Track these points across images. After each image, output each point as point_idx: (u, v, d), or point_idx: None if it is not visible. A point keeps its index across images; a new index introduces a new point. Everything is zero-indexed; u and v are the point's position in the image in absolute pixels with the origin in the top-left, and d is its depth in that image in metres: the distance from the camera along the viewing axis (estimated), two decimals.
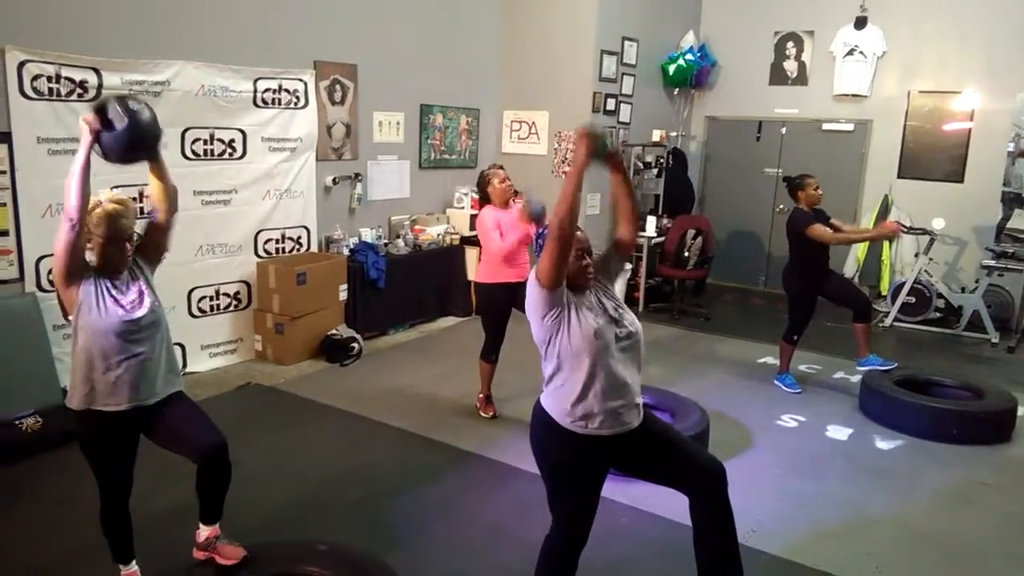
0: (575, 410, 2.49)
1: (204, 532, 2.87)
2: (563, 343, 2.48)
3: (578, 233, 2.55)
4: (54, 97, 4.53)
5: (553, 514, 2.61)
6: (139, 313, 2.66)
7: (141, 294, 2.72)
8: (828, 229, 5.18)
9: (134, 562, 2.90)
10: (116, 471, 2.77)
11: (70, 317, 2.67)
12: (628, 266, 7.50)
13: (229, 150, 5.52)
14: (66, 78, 4.56)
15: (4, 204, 4.44)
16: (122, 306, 2.63)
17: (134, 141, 2.66)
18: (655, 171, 8.27)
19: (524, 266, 4.68)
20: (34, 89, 4.43)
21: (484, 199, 4.74)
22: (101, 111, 2.60)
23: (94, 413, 2.66)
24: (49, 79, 4.49)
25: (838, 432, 4.84)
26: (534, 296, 2.50)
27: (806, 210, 5.24)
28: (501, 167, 4.80)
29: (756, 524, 3.61)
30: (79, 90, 4.63)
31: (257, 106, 5.62)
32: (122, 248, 2.66)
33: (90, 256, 2.67)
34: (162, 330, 2.78)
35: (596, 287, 2.65)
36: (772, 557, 3.37)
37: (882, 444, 4.67)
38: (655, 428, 2.69)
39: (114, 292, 2.66)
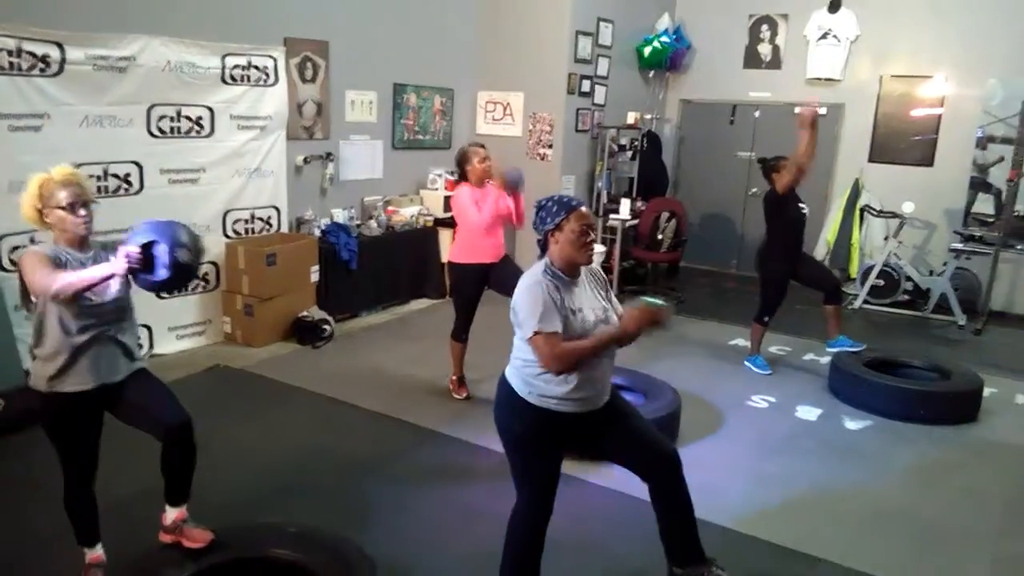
0: (551, 390, 2.49)
1: (171, 515, 2.82)
2: None
3: (582, 208, 2.54)
4: (15, 72, 4.40)
5: (518, 488, 2.64)
6: (106, 297, 2.61)
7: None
8: (786, 172, 5.12)
9: (99, 545, 2.85)
10: (81, 452, 2.72)
11: (34, 299, 2.60)
12: (603, 248, 7.51)
13: (197, 128, 5.40)
14: (28, 52, 4.42)
15: None
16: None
17: (163, 288, 2.57)
18: (629, 154, 8.25)
19: (499, 247, 4.65)
20: None
21: (461, 176, 4.68)
22: (147, 249, 2.43)
23: (59, 394, 2.61)
24: (10, 53, 4.36)
25: (808, 412, 4.89)
26: (521, 319, 2.48)
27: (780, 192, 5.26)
28: (482, 146, 4.71)
29: (726, 502, 3.64)
30: (41, 64, 4.50)
31: (225, 83, 5.49)
32: (80, 214, 2.58)
33: (53, 231, 2.61)
34: (128, 312, 2.74)
35: (593, 280, 2.65)
36: (742, 535, 3.40)
37: (851, 424, 4.73)
38: (619, 408, 2.70)
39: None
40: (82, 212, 2.58)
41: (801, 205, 5.31)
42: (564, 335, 2.42)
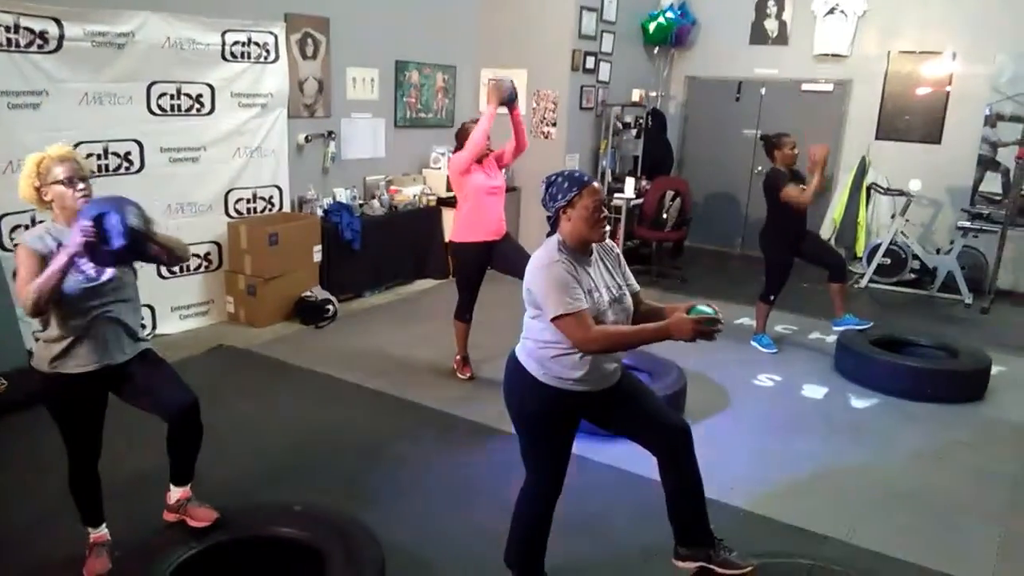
0: (567, 372, 2.46)
1: (175, 494, 2.81)
2: None
3: (594, 184, 2.50)
4: (13, 48, 4.35)
5: (527, 465, 2.62)
6: (103, 278, 2.58)
7: None
8: (798, 188, 5.13)
9: (104, 525, 2.85)
10: (85, 433, 2.71)
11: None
12: (607, 228, 7.45)
13: (197, 105, 5.35)
14: (25, 28, 4.37)
15: None
16: (82, 272, 2.54)
17: (123, 258, 2.53)
18: (634, 132, 8.19)
19: (500, 223, 4.60)
20: None
21: (459, 150, 4.64)
22: (99, 221, 2.39)
23: (61, 375, 2.59)
24: (7, 29, 4.30)
25: (814, 391, 4.87)
26: (539, 300, 2.43)
27: (782, 170, 5.21)
28: None
29: (733, 481, 3.62)
30: (39, 41, 4.44)
31: (226, 60, 5.43)
32: (78, 188, 2.55)
33: (53, 209, 2.59)
34: (128, 292, 2.70)
35: (606, 257, 2.61)
36: (748, 513, 3.39)
37: (857, 403, 4.71)
38: (630, 384, 2.68)
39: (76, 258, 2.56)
40: (80, 186, 2.55)
41: (802, 185, 5.25)
42: None
